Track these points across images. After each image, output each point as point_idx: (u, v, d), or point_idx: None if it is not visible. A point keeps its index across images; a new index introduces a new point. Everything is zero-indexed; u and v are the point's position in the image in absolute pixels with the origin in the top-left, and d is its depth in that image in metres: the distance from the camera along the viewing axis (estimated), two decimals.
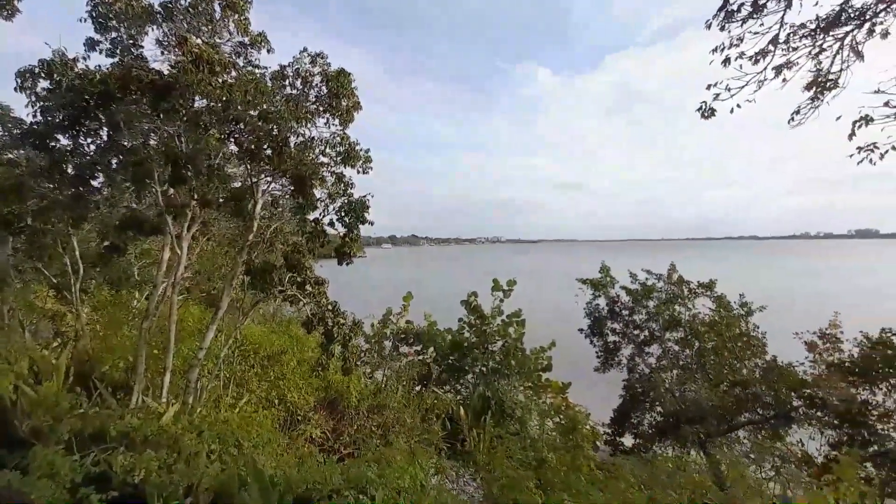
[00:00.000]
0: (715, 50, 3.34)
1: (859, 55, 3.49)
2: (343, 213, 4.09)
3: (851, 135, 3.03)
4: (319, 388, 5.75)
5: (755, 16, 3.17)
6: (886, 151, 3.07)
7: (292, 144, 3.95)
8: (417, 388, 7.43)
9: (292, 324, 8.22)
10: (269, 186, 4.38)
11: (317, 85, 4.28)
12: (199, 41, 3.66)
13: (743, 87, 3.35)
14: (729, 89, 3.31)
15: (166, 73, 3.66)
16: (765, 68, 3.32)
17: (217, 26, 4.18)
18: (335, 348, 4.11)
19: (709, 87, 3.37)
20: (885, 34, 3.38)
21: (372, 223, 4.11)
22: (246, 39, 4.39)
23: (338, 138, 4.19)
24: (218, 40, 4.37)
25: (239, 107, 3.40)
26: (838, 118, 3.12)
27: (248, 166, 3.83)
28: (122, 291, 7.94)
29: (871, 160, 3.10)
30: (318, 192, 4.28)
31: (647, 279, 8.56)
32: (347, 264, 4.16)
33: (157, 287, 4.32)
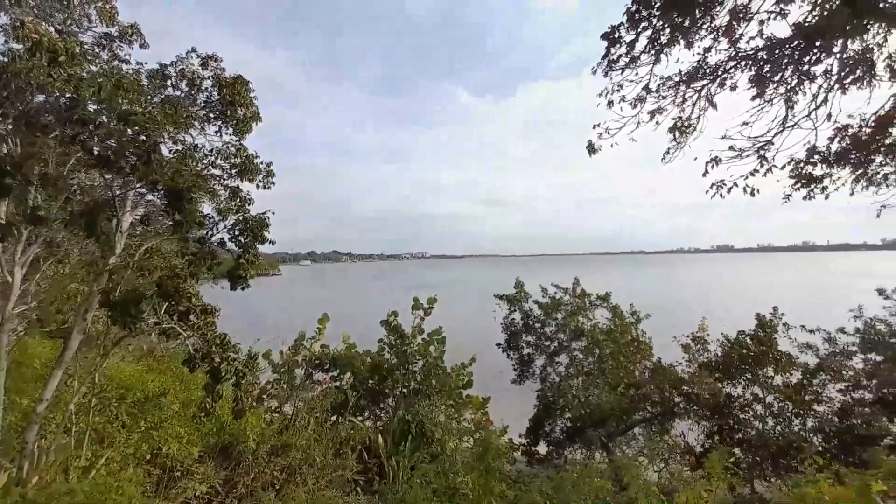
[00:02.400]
0: (601, 94, 3.78)
1: (713, 105, 4.21)
2: (237, 232, 3.63)
3: (705, 172, 3.64)
4: (209, 433, 4.96)
5: (631, 66, 3.66)
6: (732, 186, 3.74)
7: (168, 152, 3.41)
8: (332, 419, 6.89)
9: (177, 358, 7.08)
10: (140, 200, 3.72)
11: (207, 90, 3.81)
12: (46, 27, 3.00)
13: (622, 127, 3.82)
14: (608, 130, 3.76)
15: None
16: (638, 112, 3.83)
17: (75, 13, 3.50)
18: (224, 388, 3.57)
19: (594, 126, 3.79)
20: (733, 87, 4.13)
21: (273, 242, 3.71)
22: (113, 31, 3.75)
23: (232, 149, 3.75)
24: (76, 29, 3.68)
25: (91, 106, 2.82)
26: (695, 159, 3.73)
27: (105, 177, 3.18)
28: None
29: (720, 194, 3.75)
30: (207, 208, 3.76)
31: (555, 293, 9.21)
32: (243, 288, 3.68)
33: None
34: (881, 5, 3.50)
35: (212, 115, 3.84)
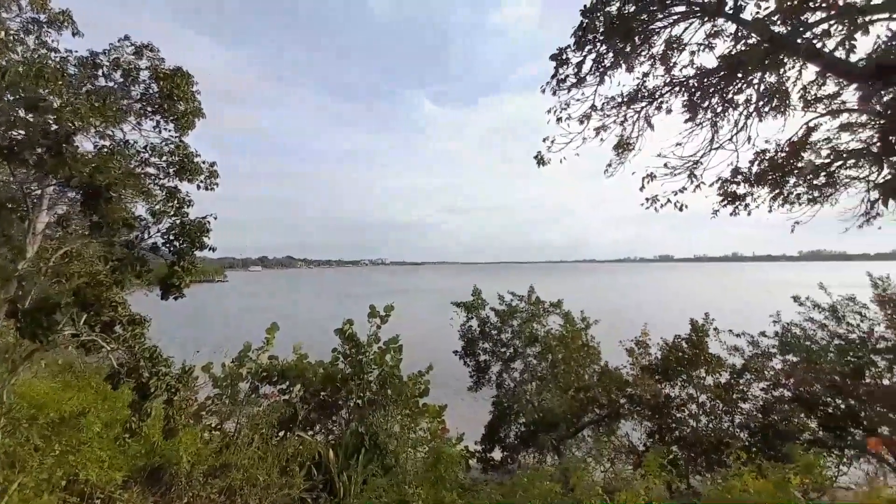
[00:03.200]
0: (549, 111, 3.98)
1: (650, 125, 4.55)
2: (173, 237, 3.35)
3: (642, 187, 3.93)
4: (137, 456, 4.50)
5: (578, 86, 3.88)
6: (666, 202, 4.06)
7: (92, 147, 3.11)
8: (280, 435, 6.53)
9: (100, 374, 6.41)
10: (61, 199, 3.35)
11: (144, 81, 3.54)
12: None
13: (569, 141, 4.04)
14: (555, 143, 3.96)
15: None
16: (584, 129, 4.07)
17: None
18: (153, 406, 3.25)
19: (544, 139, 3.99)
20: (668, 111, 4.49)
21: (213, 249, 3.47)
22: (42, 16, 3.41)
23: (171, 146, 3.49)
24: (5, 15, 3.31)
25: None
26: (633, 173, 4.03)
27: (13, 171, 2.82)
28: None
29: (655, 208, 4.06)
30: (141, 209, 3.46)
31: (511, 300, 9.43)
32: (176, 298, 3.39)
33: None
34: (797, 41, 3.98)
35: (149, 109, 3.56)
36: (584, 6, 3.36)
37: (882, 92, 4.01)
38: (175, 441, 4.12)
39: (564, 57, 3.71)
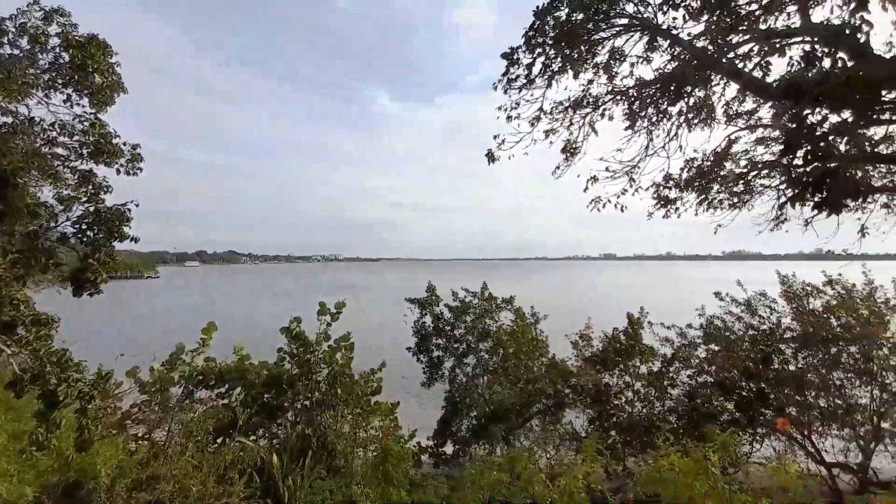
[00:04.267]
0: (499, 108, 4.08)
1: (595, 131, 4.80)
2: (86, 226, 2.98)
3: (586, 189, 4.16)
4: (50, 470, 4.01)
5: (528, 87, 4.01)
6: (607, 203, 4.32)
7: None
8: (218, 442, 6.12)
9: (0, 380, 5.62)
10: None
11: (54, 49, 3.11)
12: None
13: (518, 141, 4.17)
14: (505, 142, 4.08)
15: None
16: (533, 130, 4.22)
17: None
18: (64, 416, 2.89)
19: (494, 137, 4.08)
20: (611, 118, 4.75)
21: (136, 239, 3.14)
22: None
23: (85, 124, 3.10)
24: None
25: None
26: (578, 176, 4.25)
27: None
28: None
29: (598, 209, 4.32)
30: (47, 194, 3.04)
31: (465, 297, 9.57)
32: (91, 294, 3.03)
33: None
34: (722, 60, 4.37)
35: (59, 81, 3.14)
36: (538, 7, 3.47)
37: (791, 110, 4.54)
38: (92, 453, 3.71)
39: (515, 57, 3.81)
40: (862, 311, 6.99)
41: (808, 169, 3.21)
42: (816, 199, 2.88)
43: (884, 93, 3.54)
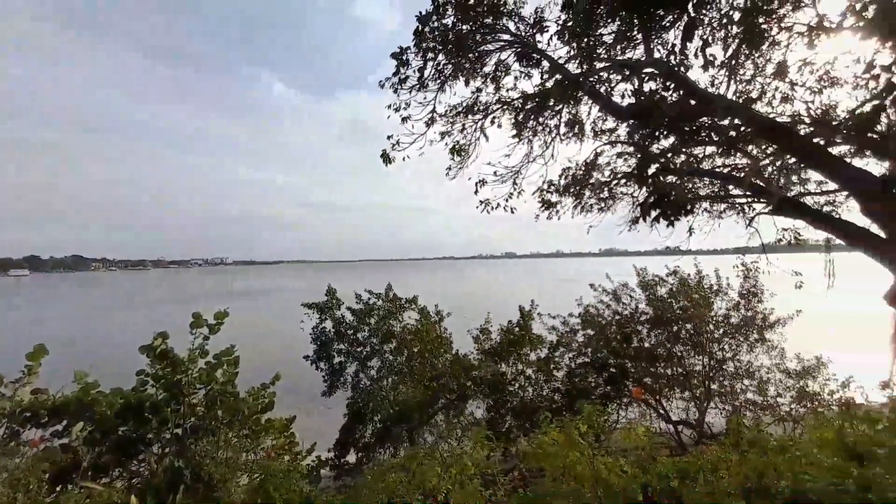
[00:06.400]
0: (389, 106, 4.08)
1: (486, 136, 5.11)
2: None
3: (476, 191, 4.42)
4: None
5: (421, 90, 4.09)
6: (497, 205, 4.65)
7: None
8: (58, 489, 4.92)
9: None
10: None
11: None
12: None
13: (413, 142, 4.23)
14: (399, 143, 4.11)
15: None
16: (426, 131, 4.32)
17: None
18: None
19: (388, 137, 4.07)
20: (499, 125, 5.08)
21: None
22: None
23: None
24: None
25: None
26: (469, 179, 4.49)
27: None
28: None
29: (487, 210, 4.62)
30: None
31: (369, 298, 9.34)
32: None
33: None
34: (586, 83, 5.00)
35: None
36: (420, 12, 3.56)
37: (640, 130, 5.42)
38: None
39: (405, 58, 3.85)
40: (694, 295, 8.70)
41: (651, 187, 3.85)
42: (656, 213, 3.47)
43: (702, 120, 4.46)
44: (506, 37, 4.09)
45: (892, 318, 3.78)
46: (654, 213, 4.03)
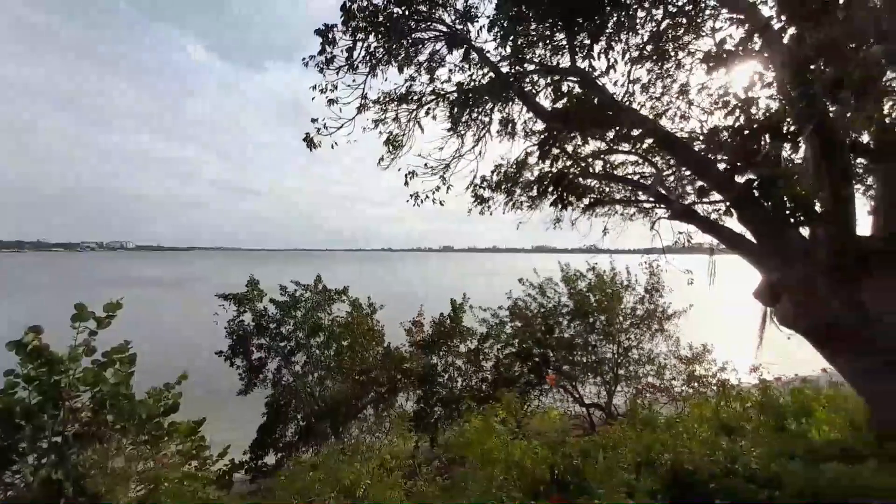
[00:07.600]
0: (314, 87, 3.85)
1: (420, 127, 5.04)
2: None
3: (406, 183, 4.35)
4: None
5: (350, 72, 3.90)
6: (426, 198, 4.63)
7: None
8: None
9: None
10: None
11: None
12: None
13: (340, 126, 4.04)
14: (326, 126, 3.90)
15: None
16: (355, 117, 4.15)
17: None
18: None
19: (313, 120, 3.84)
20: (434, 117, 5.03)
21: None
22: None
23: None
24: None
25: None
26: (399, 170, 4.41)
27: None
28: None
29: (417, 203, 4.59)
30: None
31: (295, 290, 8.82)
32: None
33: None
34: (516, 83, 5.15)
35: None
36: None
37: (565, 133, 5.74)
38: None
39: (331, 36, 3.63)
40: (607, 290, 9.53)
41: (551, 165, 4.07)
42: (552, 196, 3.68)
43: (617, 129, 4.84)
44: (441, 27, 4.06)
45: (761, 312, 4.45)
46: (551, 197, 4.31)
